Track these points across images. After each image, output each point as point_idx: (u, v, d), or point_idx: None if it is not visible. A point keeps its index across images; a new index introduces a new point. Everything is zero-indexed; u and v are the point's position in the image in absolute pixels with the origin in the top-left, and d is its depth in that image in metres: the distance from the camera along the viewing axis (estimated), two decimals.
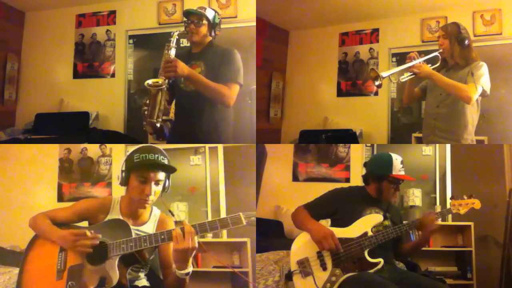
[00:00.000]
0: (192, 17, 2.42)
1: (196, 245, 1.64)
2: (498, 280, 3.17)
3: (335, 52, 4.92)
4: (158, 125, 2.29)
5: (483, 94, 2.42)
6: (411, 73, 2.43)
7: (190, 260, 1.67)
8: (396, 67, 2.48)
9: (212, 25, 2.45)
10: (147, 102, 2.30)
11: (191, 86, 2.41)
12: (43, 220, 1.84)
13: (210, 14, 2.43)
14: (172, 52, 2.34)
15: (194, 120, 2.45)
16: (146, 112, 2.29)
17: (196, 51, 2.50)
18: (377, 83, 2.36)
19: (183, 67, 2.27)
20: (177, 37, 2.37)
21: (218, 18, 2.49)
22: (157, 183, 1.83)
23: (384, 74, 2.36)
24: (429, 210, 3.76)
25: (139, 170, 1.81)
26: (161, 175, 1.84)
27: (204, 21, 2.42)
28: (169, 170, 1.87)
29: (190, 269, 1.68)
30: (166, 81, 2.28)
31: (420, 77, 2.49)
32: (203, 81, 2.33)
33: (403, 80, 2.46)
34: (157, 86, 2.26)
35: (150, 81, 2.28)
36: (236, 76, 2.41)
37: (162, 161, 1.83)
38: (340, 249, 2.00)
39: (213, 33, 2.47)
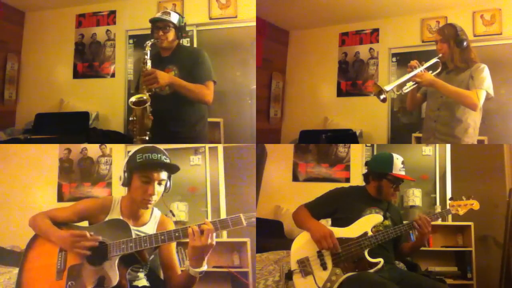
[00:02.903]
0: (159, 24, 2.50)
1: (214, 243, 1.65)
2: (498, 280, 3.17)
3: (335, 52, 4.92)
4: (147, 138, 2.33)
5: (488, 97, 2.38)
6: (414, 83, 2.40)
7: (206, 258, 1.68)
8: (398, 79, 2.42)
9: (179, 29, 2.54)
10: (134, 119, 2.31)
11: (166, 89, 2.47)
12: (43, 220, 1.83)
13: (174, 18, 2.52)
14: (149, 65, 2.39)
15: (172, 122, 2.51)
16: (134, 130, 2.32)
17: (166, 55, 2.57)
18: (381, 97, 2.32)
19: (163, 76, 2.34)
20: (150, 49, 2.42)
21: (183, 21, 2.57)
22: (160, 183, 1.83)
23: (387, 87, 2.33)
24: (429, 210, 3.77)
25: (142, 170, 1.80)
26: (164, 175, 1.83)
27: (171, 26, 2.50)
28: (173, 169, 1.86)
29: (205, 267, 1.69)
30: (148, 94, 2.31)
31: (423, 86, 2.47)
32: (183, 84, 2.40)
33: (406, 90, 2.42)
34: (143, 104, 2.28)
35: (133, 99, 2.29)
36: (210, 74, 2.51)
37: (165, 160, 1.83)
38: (338, 249, 2.00)
39: (180, 36, 2.56)
